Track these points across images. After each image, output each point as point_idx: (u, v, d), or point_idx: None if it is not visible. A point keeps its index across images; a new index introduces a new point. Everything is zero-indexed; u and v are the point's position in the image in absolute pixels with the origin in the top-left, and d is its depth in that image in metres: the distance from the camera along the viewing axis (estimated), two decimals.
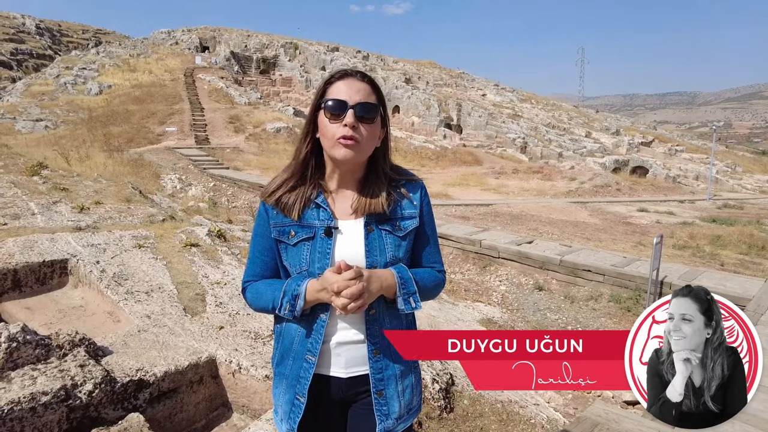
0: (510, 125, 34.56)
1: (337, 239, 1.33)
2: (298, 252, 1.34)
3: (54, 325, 3.31)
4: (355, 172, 1.37)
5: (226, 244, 5.42)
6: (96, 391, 2.36)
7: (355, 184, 1.38)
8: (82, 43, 73.01)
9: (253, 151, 24.61)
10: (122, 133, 23.86)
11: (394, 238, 1.36)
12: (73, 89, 33.19)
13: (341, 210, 1.37)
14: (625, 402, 4.22)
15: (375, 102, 1.30)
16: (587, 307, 7.16)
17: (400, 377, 1.37)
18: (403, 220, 1.38)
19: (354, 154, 1.27)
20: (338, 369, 1.35)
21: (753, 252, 10.91)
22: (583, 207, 17.94)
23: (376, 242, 1.34)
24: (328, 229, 1.32)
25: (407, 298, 1.31)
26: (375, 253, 1.33)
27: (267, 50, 46.10)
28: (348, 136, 1.25)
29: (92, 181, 7.70)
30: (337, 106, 1.26)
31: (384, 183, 1.37)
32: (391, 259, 1.34)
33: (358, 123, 1.26)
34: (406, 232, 1.38)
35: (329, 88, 1.30)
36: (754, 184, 30.68)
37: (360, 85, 1.29)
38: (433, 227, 1.46)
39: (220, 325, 3.33)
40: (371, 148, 1.33)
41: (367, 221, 1.34)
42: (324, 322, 1.33)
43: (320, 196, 1.36)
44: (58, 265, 4.06)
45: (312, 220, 1.35)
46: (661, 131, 48.42)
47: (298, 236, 1.34)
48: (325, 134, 1.29)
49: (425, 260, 1.45)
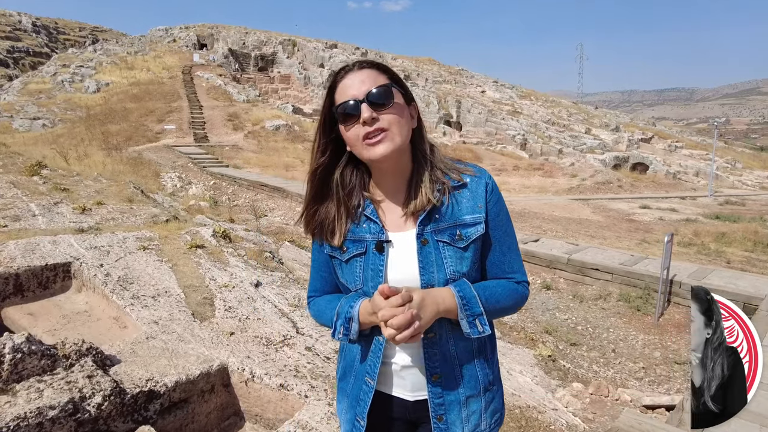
0: (510, 122, 34.45)
1: (389, 255, 1.18)
2: (352, 269, 1.22)
3: (58, 331, 3.20)
4: (403, 170, 1.19)
5: (232, 245, 5.31)
6: (105, 404, 2.26)
7: (405, 184, 1.20)
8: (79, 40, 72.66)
9: (253, 149, 24.48)
10: (121, 132, 23.71)
11: (454, 250, 1.16)
12: (70, 87, 32.98)
13: (392, 221, 1.21)
14: (645, 406, 4.13)
15: (386, 82, 1.12)
16: (596, 307, 7.07)
17: (465, 403, 1.21)
18: (465, 227, 1.16)
19: (389, 146, 1.09)
20: (404, 391, 1.25)
21: (759, 249, 10.85)
22: (585, 204, 17.87)
23: (431, 256, 1.15)
24: (378, 244, 1.17)
25: (472, 321, 1.12)
26: (431, 270, 1.15)
27: (265, 47, 45.86)
28: (371, 132, 1.09)
29: (93, 181, 7.58)
30: (348, 109, 1.11)
31: (427, 170, 1.18)
32: (451, 275, 1.15)
33: (377, 112, 1.09)
34: (469, 242, 1.16)
35: (335, 94, 1.15)
36: (754, 181, 30.66)
37: (363, 74, 1.12)
38: (507, 228, 1.23)
39: (231, 330, 3.23)
40: (406, 131, 1.14)
41: (420, 231, 1.16)
42: (381, 345, 1.21)
43: (369, 207, 1.21)
44: (60, 269, 3.94)
45: (363, 234, 1.20)
46: (660, 127, 48.37)
47: (349, 252, 1.21)
48: (351, 143, 1.14)
49: (499, 270, 1.22)
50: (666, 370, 5.36)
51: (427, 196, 1.15)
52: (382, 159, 1.12)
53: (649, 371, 5.36)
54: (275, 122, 27.95)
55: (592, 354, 5.65)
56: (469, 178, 1.20)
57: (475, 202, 1.18)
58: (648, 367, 5.45)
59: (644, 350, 5.83)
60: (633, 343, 6.00)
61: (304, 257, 7.51)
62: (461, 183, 1.19)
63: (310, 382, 2.77)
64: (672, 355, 5.68)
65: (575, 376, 4.71)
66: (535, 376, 4.27)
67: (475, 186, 1.19)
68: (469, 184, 1.20)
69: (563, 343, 5.74)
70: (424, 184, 1.16)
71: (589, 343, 5.92)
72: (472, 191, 1.19)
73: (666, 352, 5.75)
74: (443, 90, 39.27)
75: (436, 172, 1.19)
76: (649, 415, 3.89)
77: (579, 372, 4.96)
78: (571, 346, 5.72)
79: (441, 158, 1.22)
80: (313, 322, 3.58)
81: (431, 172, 1.18)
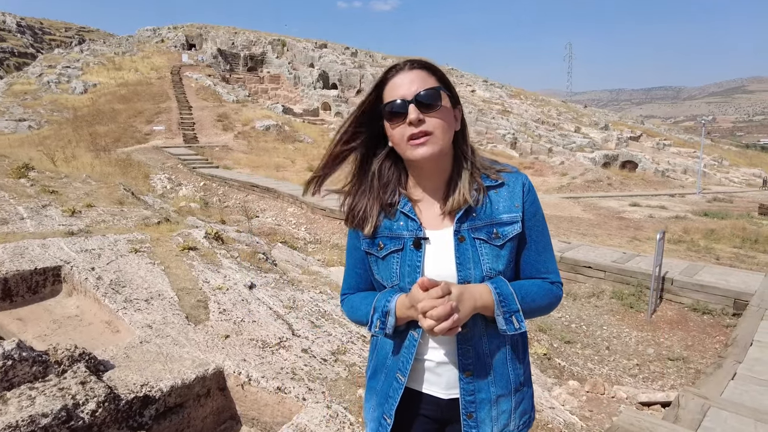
0: (500, 121, 34.59)
1: (426, 251, 1.19)
2: (388, 265, 1.22)
3: (49, 337, 3.14)
4: (443, 171, 1.21)
5: (225, 246, 5.26)
6: (99, 410, 2.21)
7: (444, 185, 1.22)
8: (65, 41, 71.80)
9: (243, 149, 24.34)
10: (109, 133, 23.45)
11: (491, 248, 1.17)
12: (56, 88, 32.56)
13: (430, 219, 1.22)
14: (641, 403, 4.15)
15: (435, 84, 1.14)
16: (590, 305, 7.10)
17: (495, 402, 1.21)
18: (501, 226, 1.18)
19: (432, 149, 1.11)
20: (438, 389, 1.24)
21: (747, 245, 10.97)
22: (576, 202, 17.98)
23: (468, 253, 1.16)
24: (416, 241, 1.19)
25: (509, 317, 1.14)
26: (468, 266, 1.16)
27: (254, 47, 45.62)
28: (416, 133, 1.11)
29: (81, 183, 7.47)
30: (396, 108, 1.12)
31: (466, 170, 1.20)
32: (488, 272, 1.16)
33: (424, 114, 1.11)
34: (506, 240, 1.18)
35: (383, 91, 1.17)
36: (740, 178, 31.09)
37: (413, 74, 1.14)
38: (543, 228, 1.24)
39: (226, 333, 3.18)
40: (450, 135, 1.16)
41: (457, 228, 1.17)
42: (416, 340, 1.21)
43: (407, 204, 1.22)
44: (50, 273, 3.87)
45: (400, 231, 1.21)
46: (649, 125, 48.83)
47: (386, 248, 1.22)
48: (395, 141, 1.16)
49: (534, 269, 1.23)
50: (660, 367, 5.39)
51: (464, 196, 1.17)
52: (423, 161, 1.15)
53: (643, 368, 5.39)
54: (265, 122, 27.81)
55: (587, 351, 5.67)
56: (506, 177, 1.22)
57: (512, 202, 1.20)
58: (642, 363, 5.47)
59: (638, 347, 5.86)
60: (626, 340, 6.03)
61: (297, 258, 7.47)
62: (499, 182, 1.21)
63: (308, 385, 2.74)
64: (665, 351, 5.72)
65: (571, 374, 4.72)
66: (531, 374, 4.28)
67: (512, 185, 1.21)
68: (506, 183, 1.22)
69: (558, 341, 5.75)
70: (462, 185, 1.19)
71: (583, 341, 5.94)
72: (509, 191, 1.21)
73: (659, 349, 5.79)
74: None
75: (475, 173, 1.21)
76: (646, 412, 3.90)
77: (574, 370, 4.97)
78: (565, 344, 5.73)
79: (481, 159, 1.25)
80: (310, 324, 3.55)
81: (471, 173, 1.21)
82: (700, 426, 3.14)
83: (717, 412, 3.31)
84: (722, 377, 4.05)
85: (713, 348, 5.78)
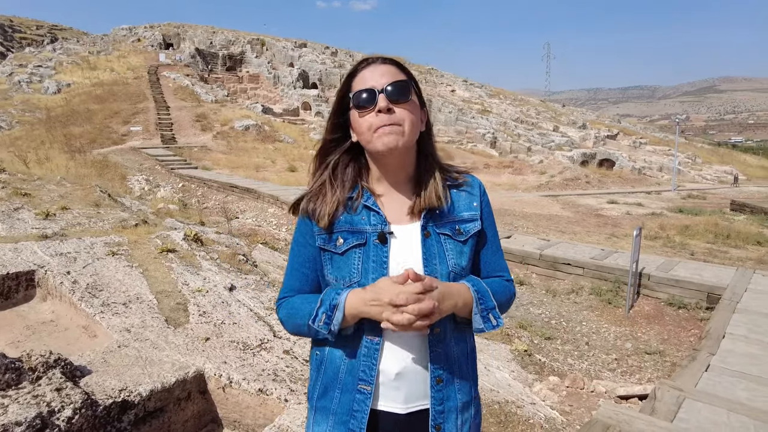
0: (480, 120, 34.85)
1: (391, 246, 1.16)
2: (348, 261, 1.16)
3: (23, 343, 3.06)
4: (406, 167, 1.21)
5: (204, 248, 5.19)
6: (76, 417, 2.17)
7: (407, 181, 1.22)
8: (36, 39, 69.99)
9: (222, 149, 24.06)
10: (84, 134, 22.93)
11: (455, 244, 1.19)
12: (28, 88, 31.71)
13: (394, 213, 1.20)
14: (619, 396, 4.23)
15: (405, 78, 1.15)
16: (569, 301, 7.21)
17: (461, 409, 1.19)
18: (463, 223, 1.21)
19: (398, 140, 1.11)
20: (395, 404, 1.15)
21: (719, 241, 11.26)
22: (554, 200, 18.23)
23: (434, 249, 1.16)
24: (381, 235, 1.15)
25: (486, 315, 1.14)
26: (434, 262, 1.15)
27: (233, 47, 45.12)
28: (386, 123, 1.11)
29: (56, 185, 7.30)
30: (365, 96, 1.12)
31: (437, 170, 1.22)
32: (453, 267, 1.16)
33: (393, 105, 1.11)
34: (468, 237, 1.20)
35: (353, 82, 1.17)
36: (713, 175, 31.88)
37: (384, 68, 1.16)
38: (495, 229, 1.29)
39: (206, 336, 3.15)
40: (416, 130, 1.17)
41: (424, 224, 1.17)
42: (377, 345, 1.13)
43: (370, 198, 1.20)
44: (23, 277, 3.77)
45: (363, 225, 1.17)
46: (625, 124, 49.72)
47: (347, 243, 1.16)
48: (361, 131, 1.15)
49: (490, 268, 1.27)
50: (637, 360, 5.51)
51: (438, 195, 1.18)
52: (388, 151, 1.13)
53: (622, 362, 5.49)
54: (245, 122, 27.54)
55: (567, 347, 5.75)
56: (464, 179, 1.27)
57: (471, 201, 1.25)
58: (620, 358, 5.58)
59: (616, 342, 5.98)
60: (605, 336, 6.14)
61: (278, 259, 7.41)
62: (459, 182, 1.26)
63: (290, 386, 2.73)
64: (642, 345, 5.84)
65: (551, 370, 4.78)
66: (512, 371, 4.32)
67: (470, 186, 1.27)
68: (465, 183, 1.27)
69: (538, 337, 5.83)
70: (436, 184, 1.20)
71: (563, 337, 6.03)
72: (468, 191, 1.26)
73: (637, 343, 5.91)
74: None
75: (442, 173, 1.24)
76: (624, 405, 3.98)
77: (555, 365, 5.04)
78: (545, 340, 5.81)
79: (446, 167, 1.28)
80: None
81: (440, 173, 1.23)
82: (676, 417, 3.22)
83: (692, 404, 3.40)
84: (696, 369, 4.15)
85: (688, 341, 5.93)
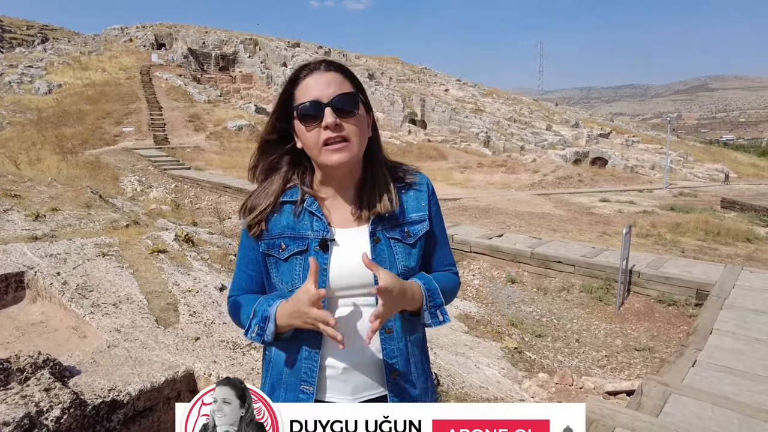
0: (473, 120, 34.96)
1: (333, 253, 1.15)
2: (290, 267, 1.16)
3: (12, 345, 3.07)
4: (353, 174, 1.20)
5: (195, 248, 5.20)
6: (65, 417, 2.18)
7: (354, 185, 1.21)
8: (27, 39, 69.46)
9: (215, 150, 24.00)
10: (76, 135, 22.81)
11: (404, 247, 1.19)
12: (18, 88, 31.51)
13: (339, 219, 1.19)
14: (607, 392, 4.28)
15: (352, 90, 1.12)
16: (560, 299, 7.27)
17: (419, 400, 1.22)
18: (412, 225, 1.21)
19: (348, 155, 1.10)
20: (343, 395, 1.17)
21: (710, 238, 11.37)
22: (547, 199, 18.33)
23: (384, 253, 1.16)
24: (323, 242, 1.15)
25: (434, 311, 1.16)
26: (384, 266, 1.12)
27: (226, 47, 45.01)
28: (333, 138, 1.08)
29: (46, 186, 7.27)
30: (311, 109, 1.09)
31: (387, 175, 1.21)
32: (403, 270, 1.17)
33: (341, 119, 1.08)
34: (417, 238, 1.21)
35: (296, 90, 1.13)
36: (704, 173, 32.13)
37: (329, 76, 1.11)
38: (443, 225, 1.31)
39: (196, 336, 3.16)
40: (364, 141, 1.15)
41: (373, 230, 1.17)
42: (317, 351, 1.15)
43: (313, 203, 1.18)
44: (13, 279, 3.77)
45: (305, 231, 1.16)
46: (618, 123, 50.02)
47: (289, 249, 1.16)
48: (308, 145, 1.13)
49: (439, 263, 1.30)
50: (627, 357, 5.56)
51: (391, 203, 1.18)
52: (338, 167, 1.12)
53: (611, 359, 5.55)
54: (238, 122, 27.48)
55: (557, 344, 5.80)
56: (412, 178, 1.26)
57: (419, 202, 1.24)
58: (610, 355, 5.64)
59: (606, 339, 6.03)
60: (596, 333, 6.20)
61: None
62: (407, 183, 1.25)
63: None
64: (632, 342, 5.90)
65: (541, 367, 4.83)
66: (502, 368, 4.36)
67: (418, 187, 1.26)
68: (413, 184, 1.25)
69: (529, 335, 5.88)
70: (384, 188, 1.19)
71: (553, 334, 6.08)
72: (416, 191, 1.25)
73: (627, 340, 5.97)
74: (407, 89, 39.45)
75: (391, 173, 1.23)
76: (611, 400, 4.03)
77: (545, 362, 5.09)
78: (536, 337, 5.86)
79: (388, 160, 1.27)
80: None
81: (391, 179, 1.22)
82: (662, 412, 3.27)
83: (677, 398, 3.45)
84: (683, 365, 4.20)
85: (677, 337, 5.99)
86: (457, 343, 4.72)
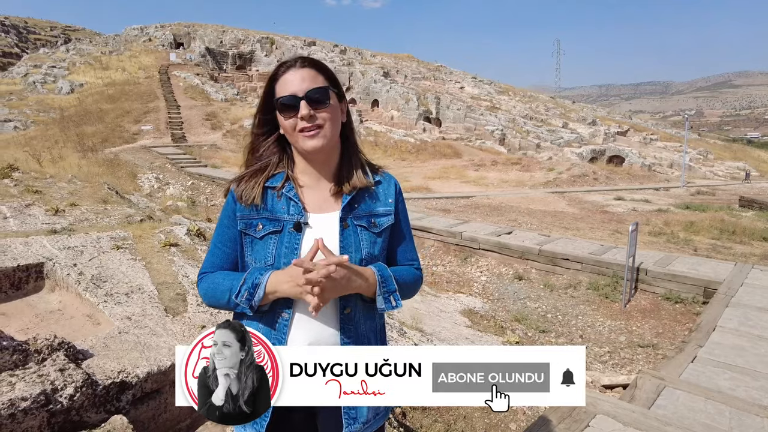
0: (488, 117, 34.80)
1: (306, 234, 1.28)
2: (265, 246, 1.29)
3: (31, 330, 3.26)
4: (330, 161, 1.34)
5: (206, 242, 5.37)
6: (77, 395, 2.34)
7: (331, 171, 1.35)
8: (50, 40, 71.06)
9: (231, 148, 24.35)
10: (96, 133, 23.36)
11: (369, 235, 1.32)
12: (42, 88, 32.32)
13: (314, 204, 1.32)
14: (604, 386, 4.34)
15: (324, 84, 1.27)
16: (566, 295, 7.30)
17: None
18: (378, 217, 1.35)
19: (322, 141, 1.25)
20: None
21: (724, 237, 11.24)
22: (561, 197, 18.22)
23: (351, 238, 1.29)
24: (297, 224, 1.28)
25: (387, 297, 1.27)
26: (350, 250, 1.28)
27: (243, 46, 45.50)
28: (308, 127, 1.24)
29: (66, 183, 7.55)
30: (288, 102, 1.25)
31: (360, 159, 1.37)
32: (366, 256, 1.30)
33: (314, 111, 1.24)
34: (382, 229, 1.34)
35: (276, 86, 1.29)
36: (725, 171, 31.54)
37: (304, 72, 1.27)
38: (408, 224, 1.45)
39: (202, 324, 3.32)
40: (337, 129, 1.31)
41: (343, 216, 1.30)
42: (287, 321, 1.26)
43: (291, 189, 1.32)
44: (33, 269, 3.98)
45: (281, 213, 1.30)
46: (636, 120, 49.31)
47: (265, 229, 1.29)
48: (287, 132, 1.29)
49: (402, 258, 1.42)
50: (630, 353, 5.60)
51: (362, 179, 1.33)
52: (313, 151, 1.28)
53: (614, 355, 5.59)
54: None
55: (560, 340, 5.86)
56: (380, 177, 1.41)
57: (386, 198, 1.38)
58: (613, 351, 5.67)
59: (610, 335, 6.07)
60: (600, 329, 6.23)
61: None
62: (377, 179, 1.40)
63: None
64: (636, 339, 5.92)
65: None
66: None
67: (386, 184, 1.40)
68: (382, 181, 1.40)
69: (533, 330, 5.94)
70: (358, 170, 1.35)
71: (557, 330, 6.13)
72: (384, 188, 1.39)
73: (631, 336, 6.00)
74: (422, 86, 39.45)
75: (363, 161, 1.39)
76: (607, 394, 4.09)
77: None
78: (540, 333, 5.92)
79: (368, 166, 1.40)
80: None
81: (362, 160, 1.38)
82: (654, 404, 3.33)
83: (671, 392, 3.50)
84: (682, 360, 4.24)
85: (682, 335, 6.00)
86: (458, 337, 4.82)
